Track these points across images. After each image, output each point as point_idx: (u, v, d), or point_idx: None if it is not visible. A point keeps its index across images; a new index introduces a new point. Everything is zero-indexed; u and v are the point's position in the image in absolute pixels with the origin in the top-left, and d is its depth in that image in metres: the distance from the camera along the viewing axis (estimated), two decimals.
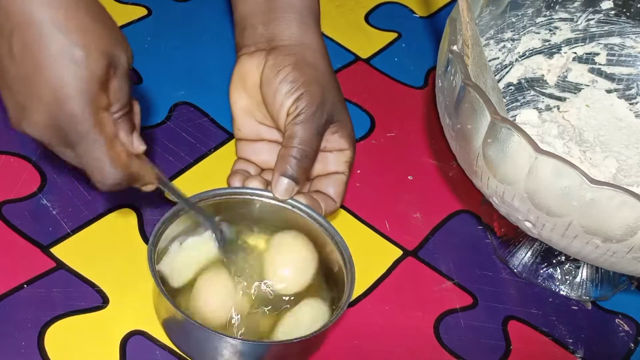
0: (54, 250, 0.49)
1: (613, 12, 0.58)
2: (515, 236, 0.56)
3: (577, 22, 0.59)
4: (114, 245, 0.51)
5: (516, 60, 0.59)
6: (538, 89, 0.60)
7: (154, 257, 0.45)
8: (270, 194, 0.49)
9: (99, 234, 0.51)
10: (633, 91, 0.60)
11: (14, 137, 0.55)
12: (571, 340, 0.52)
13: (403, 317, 0.51)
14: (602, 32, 0.59)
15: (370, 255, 0.54)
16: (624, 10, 0.58)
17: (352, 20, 0.71)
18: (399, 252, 0.55)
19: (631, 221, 0.40)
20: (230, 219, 0.49)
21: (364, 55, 0.68)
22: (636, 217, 0.40)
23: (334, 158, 0.52)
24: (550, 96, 0.60)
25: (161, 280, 0.45)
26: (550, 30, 0.59)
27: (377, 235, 0.55)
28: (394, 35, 0.71)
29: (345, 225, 0.55)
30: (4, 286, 0.47)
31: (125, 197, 0.53)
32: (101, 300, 0.48)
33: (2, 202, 0.51)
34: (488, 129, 0.43)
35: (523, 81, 0.60)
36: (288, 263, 0.48)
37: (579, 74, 0.60)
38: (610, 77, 0.60)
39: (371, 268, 0.53)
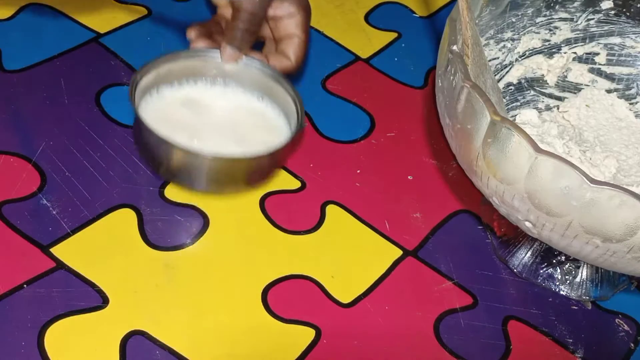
0: (54, 250, 0.49)
1: (613, 12, 0.58)
2: (515, 236, 0.56)
3: (577, 22, 0.59)
4: (114, 245, 0.51)
5: (516, 60, 0.59)
6: (538, 88, 0.60)
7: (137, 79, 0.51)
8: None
9: (99, 234, 0.51)
10: (633, 91, 0.60)
11: (14, 137, 0.55)
12: (571, 340, 0.52)
13: (403, 317, 0.51)
14: (602, 32, 0.59)
15: (370, 255, 0.54)
16: (624, 10, 0.58)
17: (352, 20, 0.71)
18: (399, 252, 0.55)
19: (631, 221, 0.40)
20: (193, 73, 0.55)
21: (364, 55, 0.68)
22: (636, 217, 0.40)
23: (287, 23, 0.56)
24: (550, 96, 0.60)
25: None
26: (550, 30, 0.59)
27: (377, 235, 0.55)
28: (394, 35, 0.71)
29: (345, 225, 0.55)
30: (4, 286, 0.47)
31: (125, 197, 0.53)
32: (101, 300, 0.48)
33: (2, 202, 0.51)
34: (488, 129, 0.43)
35: (523, 81, 0.60)
36: None
37: (579, 73, 0.60)
38: (610, 77, 0.60)
39: (371, 268, 0.53)
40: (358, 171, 0.59)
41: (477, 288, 0.54)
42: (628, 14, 0.58)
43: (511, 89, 0.59)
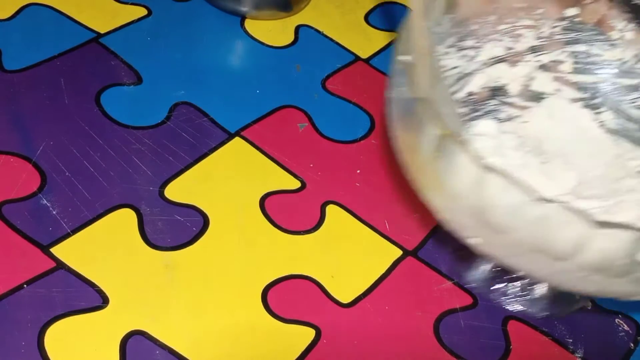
0: (54, 250, 0.49)
1: (578, 19, 0.56)
2: (471, 250, 0.54)
3: (541, 29, 0.57)
4: (114, 245, 0.51)
5: (478, 68, 0.57)
6: (500, 98, 0.58)
7: None
8: None
9: (99, 234, 0.51)
10: (598, 100, 0.58)
11: (14, 137, 0.55)
12: (571, 340, 0.52)
13: (403, 317, 0.51)
14: (568, 39, 0.57)
15: (370, 255, 0.54)
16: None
17: (351, 20, 0.71)
18: (399, 252, 0.55)
19: (579, 238, 0.39)
20: None
21: (364, 55, 0.68)
22: (582, 235, 0.38)
23: None
24: (513, 105, 0.58)
25: None
26: (513, 37, 0.57)
27: (377, 235, 0.55)
28: (394, 35, 0.71)
29: (345, 225, 0.55)
30: (4, 286, 0.47)
31: (125, 197, 0.53)
32: (101, 300, 0.48)
33: (2, 202, 0.51)
34: (436, 143, 0.41)
35: (485, 90, 0.57)
36: None
37: (544, 82, 0.58)
38: (575, 86, 0.58)
39: (371, 268, 0.53)
40: (358, 171, 0.59)
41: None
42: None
43: (472, 99, 0.57)
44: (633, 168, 0.54)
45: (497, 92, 0.58)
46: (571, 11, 0.56)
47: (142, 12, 0.67)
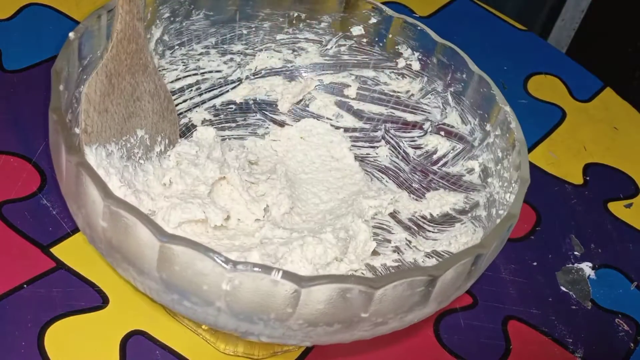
0: (54, 250, 0.49)
1: (365, 40, 0.51)
2: None
3: (326, 45, 0.52)
4: None
5: (247, 77, 0.53)
6: (268, 113, 0.54)
7: None
8: None
9: None
10: (379, 133, 0.53)
11: (14, 137, 0.55)
12: (571, 340, 0.52)
13: None
14: (355, 61, 0.52)
15: None
16: (376, 39, 0.51)
17: None
18: None
19: (288, 300, 0.35)
20: None
21: None
22: (288, 295, 0.35)
23: None
24: (281, 124, 0.54)
25: None
26: (294, 51, 0.53)
27: None
28: None
29: None
30: (4, 286, 0.47)
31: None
32: (101, 300, 0.48)
33: (2, 202, 0.51)
34: (103, 210, 0.36)
35: (251, 102, 0.54)
36: None
37: (323, 104, 0.54)
38: (358, 114, 0.54)
39: None
40: None
41: (477, 288, 0.54)
42: (381, 44, 0.51)
43: (232, 108, 0.53)
44: (362, 210, 0.49)
45: (265, 106, 0.54)
46: (357, 30, 0.51)
47: None
